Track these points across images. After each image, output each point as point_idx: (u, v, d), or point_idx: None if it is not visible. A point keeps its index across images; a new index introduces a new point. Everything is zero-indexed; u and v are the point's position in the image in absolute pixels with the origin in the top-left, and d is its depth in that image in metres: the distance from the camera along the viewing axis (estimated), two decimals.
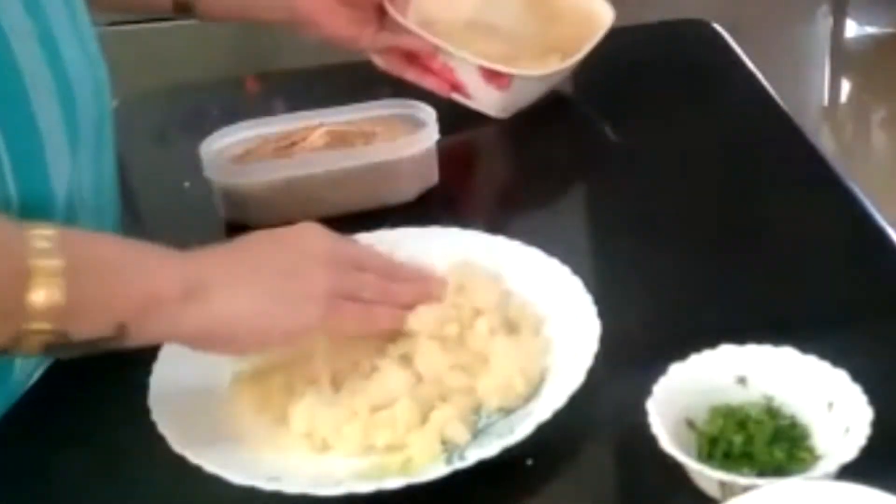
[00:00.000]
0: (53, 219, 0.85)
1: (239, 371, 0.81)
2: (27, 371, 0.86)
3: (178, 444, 0.74)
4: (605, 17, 1.16)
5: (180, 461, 0.73)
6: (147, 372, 0.80)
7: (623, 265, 0.94)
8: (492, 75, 1.12)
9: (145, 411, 0.77)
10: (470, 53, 1.12)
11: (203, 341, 0.75)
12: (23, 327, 0.68)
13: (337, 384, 0.79)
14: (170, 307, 0.72)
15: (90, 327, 0.70)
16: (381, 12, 1.13)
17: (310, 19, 1.12)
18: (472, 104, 1.14)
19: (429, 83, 1.15)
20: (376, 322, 0.79)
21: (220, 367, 0.82)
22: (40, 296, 0.67)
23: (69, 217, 0.87)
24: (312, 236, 0.80)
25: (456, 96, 1.14)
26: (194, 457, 0.73)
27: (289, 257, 0.77)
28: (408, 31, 1.12)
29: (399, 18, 1.11)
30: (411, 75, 1.16)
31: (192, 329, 0.74)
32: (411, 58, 1.15)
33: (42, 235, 0.69)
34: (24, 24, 0.81)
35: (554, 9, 1.21)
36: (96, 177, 0.92)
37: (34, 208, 0.82)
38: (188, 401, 0.79)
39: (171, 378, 0.80)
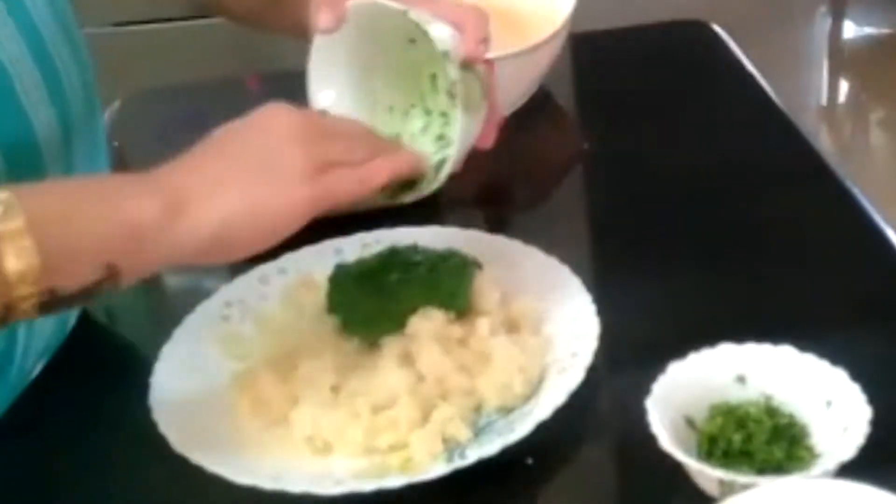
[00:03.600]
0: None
1: (236, 372, 0.81)
2: (26, 369, 0.86)
3: (179, 444, 0.74)
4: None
5: (181, 461, 0.73)
6: (148, 371, 0.80)
7: (622, 264, 0.94)
8: None
9: (146, 411, 0.77)
10: None
11: (200, 256, 0.72)
12: (9, 296, 0.66)
13: (337, 386, 0.79)
14: (154, 233, 0.69)
15: (77, 277, 0.68)
16: None
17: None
18: None
19: None
20: (372, 177, 0.76)
21: (221, 367, 0.82)
22: (11, 262, 0.65)
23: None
24: (277, 115, 0.75)
25: None
26: (195, 457, 0.73)
27: (259, 143, 0.74)
28: None
29: None
30: None
31: (185, 247, 0.71)
32: None
33: None
34: (7, 21, 0.80)
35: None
36: (91, 172, 0.92)
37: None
38: (189, 401, 0.79)
39: (172, 378, 0.81)
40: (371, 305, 0.83)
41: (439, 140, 0.85)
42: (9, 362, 0.84)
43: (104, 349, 0.89)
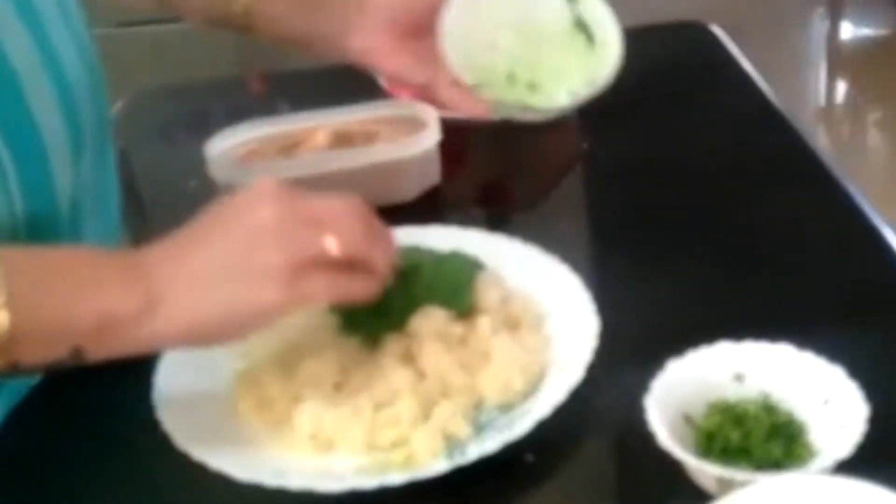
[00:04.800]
0: (58, 224, 0.85)
1: (239, 369, 0.82)
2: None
3: (182, 441, 0.74)
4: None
5: (184, 458, 0.73)
6: (152, 369, 0.81)
7: (621, 263, 0.94)
8: None
9: (149, 409, 0.77)
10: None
11: (169, 347, 0.74)
12: None
13: (339, 383, 0.79)
14: (127, 324, 0.70)
15: (43, 354, 0.69)
16: None
17: (367, 63, 1.02)
18: (468, 114, 1.14)
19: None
20: (348, 294, 0.75)
21: (225, 365, 0.82)
22: None
23: (73, 221, 0.87)
24: (261, 203, 0.73)
25: (451, 113, 1.13)
26: (198, 454, 0.73)
27: (239, 236, 0.73)
28: None
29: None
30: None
31: (154, 340, 0.72)
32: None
33: None
34: (18, 28, 0.81)
35: None
36: (99, 179, 0.92)
37: (39, 216, 0.82)
38: (192, 398, 0.80)
39: (176, 375, 0.81)
40: (373, 304, 0.83)
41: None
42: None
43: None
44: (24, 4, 0.82)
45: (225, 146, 1.07)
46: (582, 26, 0.97)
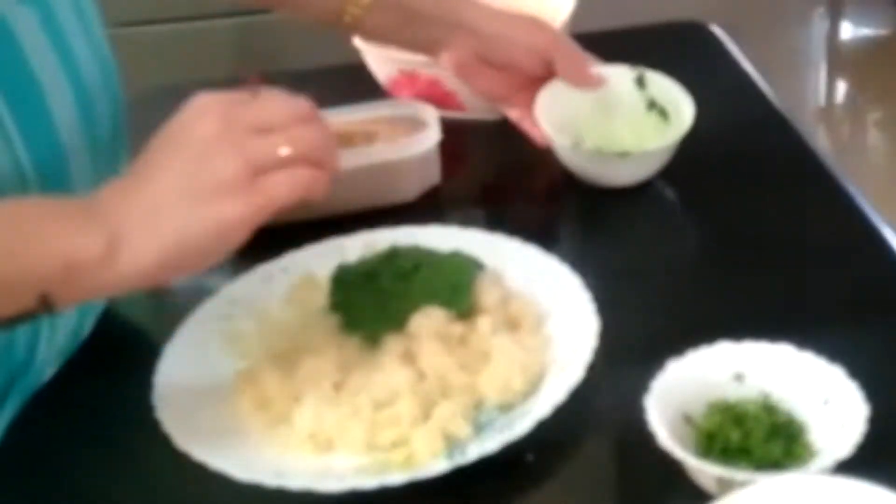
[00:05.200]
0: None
1: (239, 369, 0.82)
2: (41, 377, 0.87)
3: (183, 441, 0.74)
4: None
5: (184, 458, 0.73)
6: (151, 369, 0.81)
7: (621, 263, 0.94)
8: None
9: (149, 409, 0.77)
10: None
11: (142, 284, 0.71)
12: None
13: (339, 383, 0.79)
14: (94, 268, 0.69)
15: (10, 304, 0.69)
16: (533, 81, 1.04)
17: (458, 77, 1.06)
18: (468, 115, 1.15)
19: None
20: (308, 189, 0.73)
21: (225, 365, 0.82)
22: None
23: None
24: (201, 118, 0.72)
25: (450, 112, 1.14)
26: (198, 454, 0.73)
27: (186, 157, 0.71)
28: None
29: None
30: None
31: (124, 279, 0.70)
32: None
33: None
34: (41, 40, 0.81)
35: None
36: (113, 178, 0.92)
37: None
38: (192, 398, 0.80)
39: (176, 376, 0.81)
40: (373, 304, 0.83)
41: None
42: (25, 372, 0.85)
43: (107, 347, 0.90)
44: (47, 16, 0.82)
45: None
46: (654, 106, 1.04)
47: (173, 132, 0.73)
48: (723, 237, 0.96)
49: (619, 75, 1.05)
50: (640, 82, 1.05)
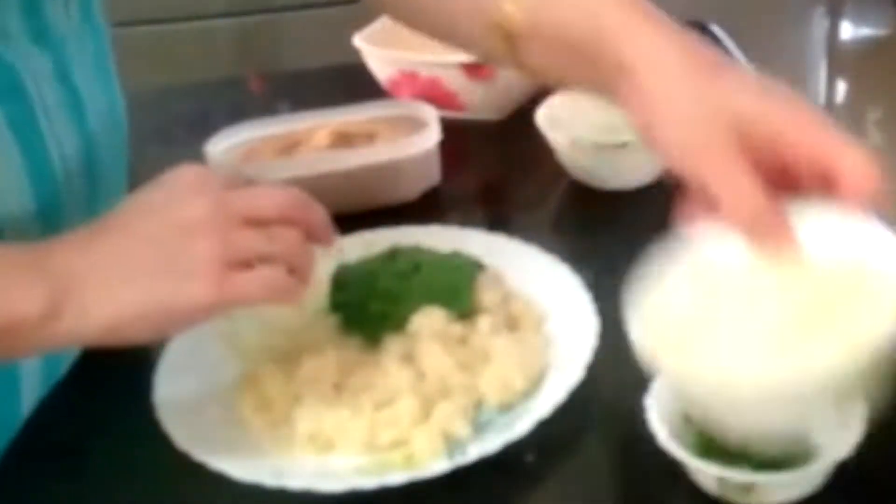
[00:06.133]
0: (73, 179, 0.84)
1: (239, 370, 0.82)
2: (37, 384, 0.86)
3: (182, 441, 0.74)
4: None
5: (184, 458, 0.73)
6: (151, 369, 0.81)
7: (621, 262, 0.94)
8: (474, 70, 1.12)
9: (149, 409, 0.77)
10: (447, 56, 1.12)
11: (86, 344, 0.69)
12: None
13: (339, 384, 0.79)
14: (35, 328, 0.66)
15: None
16: None
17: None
18: (468, 114, 1.15)
19: None
20: (280, 296, 0.71)
21: (224, 366, 0.82)
22: None
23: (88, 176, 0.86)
24: (192, 194, 0.69)
25: (450, 112, 1.14)
26: (198, 454, 0.73)
27: (167, 227, 0.68)
28: None
29: None
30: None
31: (67, 341, 0.68)
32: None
33: None
34: (56, 88, 0.80)
35: None
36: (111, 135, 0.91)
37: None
38: (192, 398, 0.80)
39: (176, 376, 0.81)
40: (373, 304, 0.83)
41: None
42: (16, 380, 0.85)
43: (108, 347, 0.90)
44: (60, 66, 0.81)
45: (225, 146, 1.07)
46: None
47: (157, 201, 0.70)
48: None
49: None
50: None
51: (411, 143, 1.03)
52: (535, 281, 0.86)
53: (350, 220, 0.94)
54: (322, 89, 1.22)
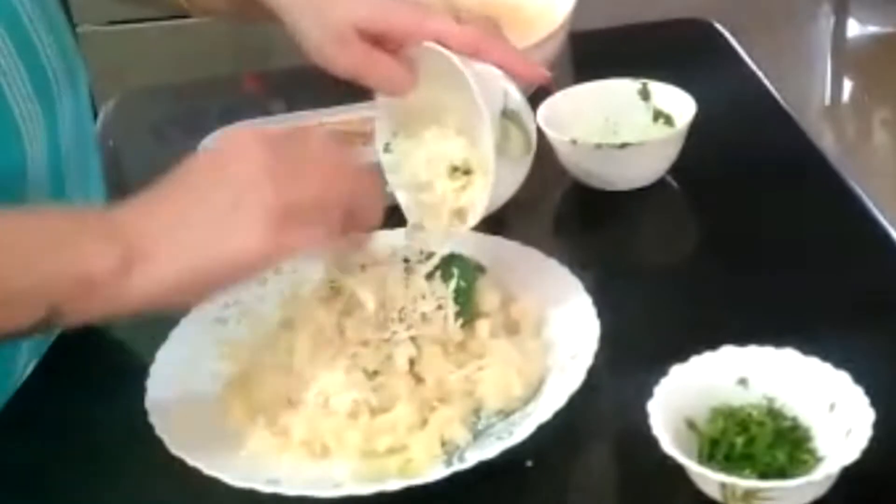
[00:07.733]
0: (39, 186, 0.85)
1: (233, 374, 0.81)
2: (19, 370, 0.86)
3: (177, 446, 0.74)
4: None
5: (178, 464, 0.72)
6: (144, 374, 0.80)
7: (622, 266, 0.94)
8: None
9: (143, 413, 0.77)
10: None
11: (149, 306, 0.71)
12: None
13: (334, 388, 0.78)
14: (107, 283, 0.68)
15: (20, 317, 0.68)
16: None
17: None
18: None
19: None
20: (334, 245, 0.75)
21: (218, 370, 0.82)
22: None
23: (55, 183, 0.87)
24: (250, 150, 0.71)
25: None
26: (193, 459, 0.73)
27: (225, 185, 0.70)
28: None
29: None
30: None
31: (135, 299, 0.69)
32: None
33: None
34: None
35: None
36: (78, 136, 0.92)
37: (13, 178, 0.82)
38: (186, 403, 0.79)
39: (170, 380, 0.80)
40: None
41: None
42: (10, 372, 0.84)
43: (100, 351, 0.89)
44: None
45: None
46: (661, 115, 1.04)
47: (215, 160, 0.73)
48: (726, 238, 0.95)
49: (623, 88, 1.04)
50: (644, 94, 1.04)
51: None
52: (535, 284, 0.85)
53: None
54: (318, 88, 1.21)
